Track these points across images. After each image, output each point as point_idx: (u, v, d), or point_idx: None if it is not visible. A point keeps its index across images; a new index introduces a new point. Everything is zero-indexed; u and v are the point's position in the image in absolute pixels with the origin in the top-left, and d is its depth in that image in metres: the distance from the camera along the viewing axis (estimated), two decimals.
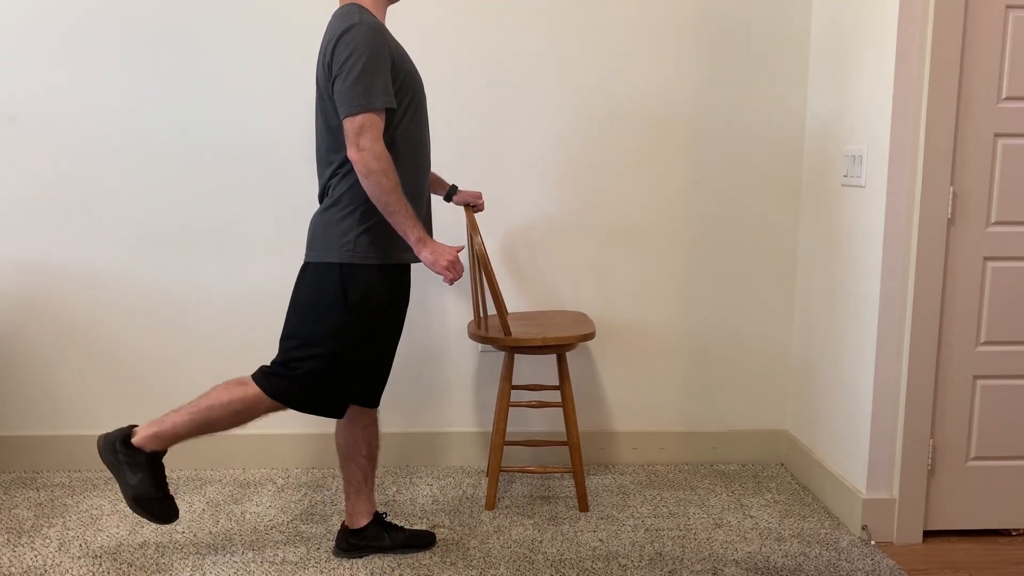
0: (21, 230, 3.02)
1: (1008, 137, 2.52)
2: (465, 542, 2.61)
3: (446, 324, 3.15)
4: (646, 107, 3.07)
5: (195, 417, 2.30)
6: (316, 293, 2.26)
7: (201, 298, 3.09)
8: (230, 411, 2.29)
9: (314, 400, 2.30)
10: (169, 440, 2.33)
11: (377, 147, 2.12)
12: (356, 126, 2.11)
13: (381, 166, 2.12)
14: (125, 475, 2.31)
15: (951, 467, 2.65)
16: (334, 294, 2.23)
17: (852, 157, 2.72)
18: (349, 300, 2.23)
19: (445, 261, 2.22)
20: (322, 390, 2.30)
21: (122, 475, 2.31)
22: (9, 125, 2.97)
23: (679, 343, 3.21)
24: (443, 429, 3.21)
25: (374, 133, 2.12)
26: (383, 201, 2.15)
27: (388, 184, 2.13)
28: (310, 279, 2.28)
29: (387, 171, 2.13)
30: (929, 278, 2.54)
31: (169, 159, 3.02)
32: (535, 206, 3.10)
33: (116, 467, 2.32)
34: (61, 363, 3.10)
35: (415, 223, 2.19)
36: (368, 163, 2.11)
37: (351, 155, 2.13)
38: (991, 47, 2.48)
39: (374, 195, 2.15)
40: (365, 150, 2.11)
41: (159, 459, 2.35)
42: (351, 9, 2.16)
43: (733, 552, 2.56)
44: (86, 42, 2.95)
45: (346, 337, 2.26)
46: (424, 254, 2.21)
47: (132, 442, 2.32)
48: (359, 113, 2.10)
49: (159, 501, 2.34)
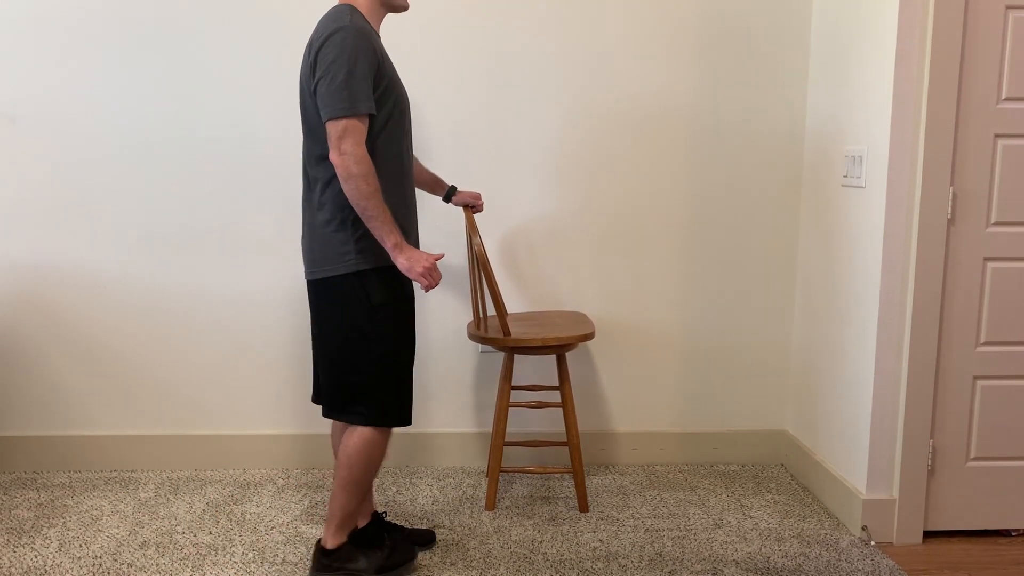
0: (21, 230, 3.02)
1: (1008, 138, 2.53)
2: (465, 542, 2.61)
3: (445, 325, 3.15)
4: (646, 107, 3.07)
5: (347, 487, 2.31)
6: (341, 307, 2.24)
7: (201, 298, 3.09)
8: (363, 460, 2.29)
9: (400, 404, 2.32)
10: (348, 522, 2.36)
11: (359, 151, 2.10)
12: (339, 130, 2.09)
13: (362, 170, 2.10)
14: (356, 569, 2.35)
15: (951, 467, 2.66)
16: (358, 301, 2.22)
17: (852, 157, 2.72)
18: (374, 302, 2.22)
19: (421, 268, 2.19)
20: (399, 391, 2.31)
21: (355, 571, 2.35)
22: (9, 125, 2.97)
23: (679, 343, 3.21)
24: (443, 430, 3.21)
25: (356, 138, 2.10)
26: (362, 206, 2.13)
27: (368, 189, 2.11)
28: (330, 296, 2.25)
29: (367, 176, 2.11)
30: (929, 278, 2.54)
31: (169, 159, 3.02)
32: (535, 206, 3.10)
33: (345, 573, 2.35)
34: (61, 363, 3.10)
35: (392, 228, 2.17)
36: (349, 167, 2.09)
37: (333, 158, 2.11)
38: (991, 48, 2.48)
39: (354, 199, 2.12)
40: (347, 154, 2.09)
41: (357, 535, 2.38)
42: (342, 10, 2.15)
43: (733, 552, 2.57)
44: (86, 42, 2.95)
45: (386, 336, 2.26)
46: (400, 260, 2.19)
47: (329, 549, 2.35)
48: (343, 117, 2.09)
49: (391, 554, 2.39)
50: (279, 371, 3.13)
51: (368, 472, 2.32)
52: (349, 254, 2.21)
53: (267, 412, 3.16)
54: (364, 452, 2.28)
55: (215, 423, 3.16)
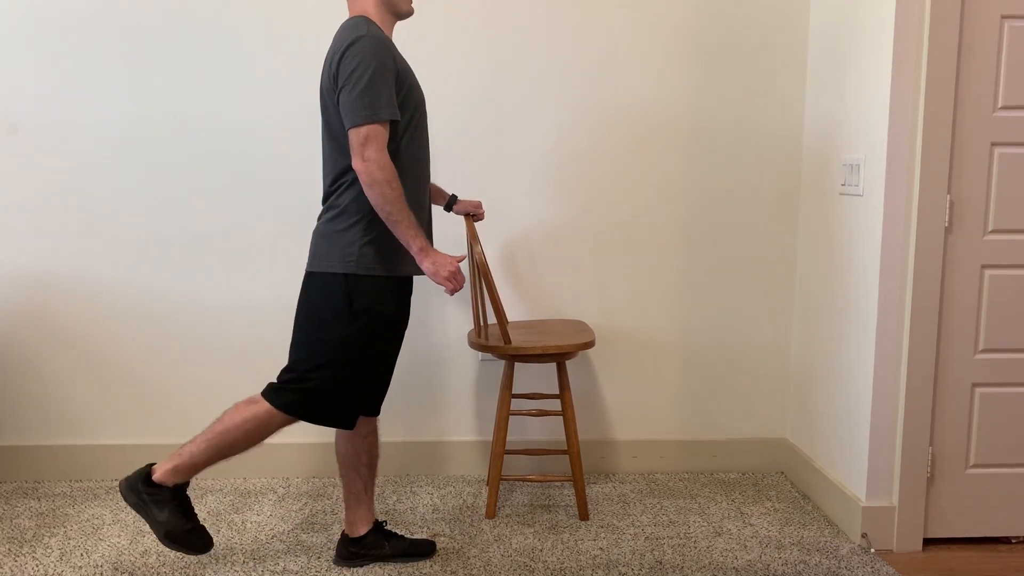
0: (21, 237, 3.04)
1: (1004, 146, 2.54)
2: (465, 551, 2.62)
3: (446, 333, 3.16)
4: (644, 115, 3.09)
5: (211, 443, 2.30)
6: (322, 303, 2.27)
7: (202, 305, 3.10)
8: (244, 431, 2.29)
9: (326, 411, 2.31)
10: (189, 471, 2.32)
11: (382, 158, 2.14)
12: (361, 137, 2.13)
13: (385, 176, 2.14)
14: (153, 513, 2.30)
15: (950, 475, 2.66)
16: (340, 304, 2.24)
17: (850, 166, 2.73)
18: (354, 309, 2.24)
19: (447, 272, 2.23)
20: (333, 400, 2.30)
21: (150, 514, 2.30)
22: (11, 135, 2.98)
23: (679, 351, 3.22)
24: (443, 438, 3.22)
25: (379, 144, 2.14)
26: (387, 211, 2.17)
27: (392, 194, 2.15)
28: (315, 289, 2.29)
29: (391, 181, 2.15)
30: (927, 286, 2.55)
31: (170, 166, 3.04)
32: (534, 214, 3.12)
33: (142, 507, 2.31)
34: (62, 372, 3.11)
35: (418, 232, 2.21)
36: (372, 173, 2.13)
37: (356, 165, 2.15)
38: (987, 57, 2.50)
39: (378, 205, 2.16)
40: (370, 160, 2.13)
41: (183, 491, 2.34)
42: (359, 21, 2.18)
43: (733, 560, 2.57)
44: (86, 49, 2.97)
45: (353, 346, 2.27)
46: (426, 264, 2.23)
47: (153, 479, 2.31)
48: (364, 124, 2.12)
49: (191, 532, 2.34)
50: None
51: (239, 444, 2.31)
52: (350, 256, 2.23)
53: None
54: (254, 426, 2.28)
55: None
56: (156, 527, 2.30)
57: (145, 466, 2.34)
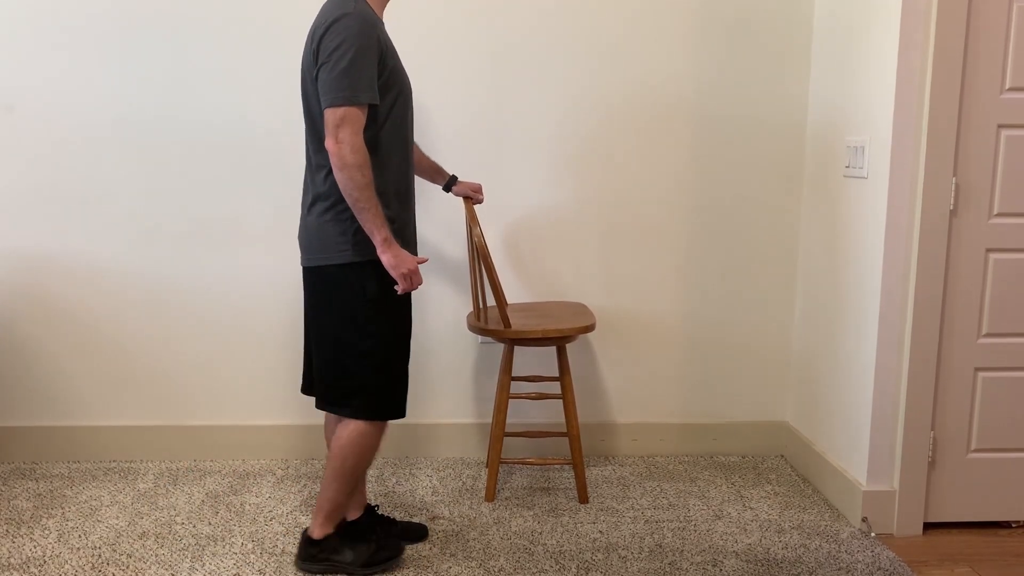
0: (19, 220, 3.01)
1: (1011, 128, 2.51)
2: (465, 533, 2.61)
3: (445, 316, 3.14)
4: (648, 98, 3.06)
5: (338, 478, 2.30)
6: (336, 298, 2.23)
7: (201, 289, 3.08)
8: (356, 453, 2.28)
9: (394, 397, 2.30)
10: (336, 513, 2.35)
11: (356, 141, 2.07)
12: (337, 118, 2.06)
13: (357, 161, 2.07)
14: (340, 563, 2.35)
15: (952, 459, 2.65)
16: (352, 294, 2.21)
17: (854, 148, 2.71)
18: (369, 295, 2.21)
19: (405, 269, 2.17)
20: (392, 384, 2.29)
21: (340, 566, 2.35)
22: (7, 114, 2.95)
23: (680, 334, 3.20)
24: (443, 421, 3.21)
25: (355, 127, 2.07)
26: (354, 196, 2.10)
27: (362, 180, 2.08)
28: (324, 285, 2.24)
29: (362, 167, 2.08)
30: (931, 269, 2.53)
31: (167, 149, 3.01)
32: (536, 197, 3.09)
33: (330, 565, 2.35)
34: (59, 353, 3.10)
35: (383, 222, 2.14)
36: (344, 156, 2.06)
37: (328, 146, 2.08)
38: (995, 38, 2.47)
39: (346, 189, 2.09)
40: (343, 143, 2.06)
41: (343, 528, 2.38)
42: None
43: (733, 544, 2.56)
44: (83, 32, 2.93)
45: (381, 330, 2.24)
46: (386, 257, 2.16)
47: (316, 538, 2.34)
48: (342, 105, 2.06)
49: (379, 550, 2.39)
50: (279, 362, 3.12)
51: (360, 464, 2.31)
52: (346, 244, 2.18)
53: (266, 403, 3.15)
54: (357, 444, 2.27)
55: (214, 414, 3.15)
56: (353, 570, 2.35)
57: (301, 537, 2.39)
